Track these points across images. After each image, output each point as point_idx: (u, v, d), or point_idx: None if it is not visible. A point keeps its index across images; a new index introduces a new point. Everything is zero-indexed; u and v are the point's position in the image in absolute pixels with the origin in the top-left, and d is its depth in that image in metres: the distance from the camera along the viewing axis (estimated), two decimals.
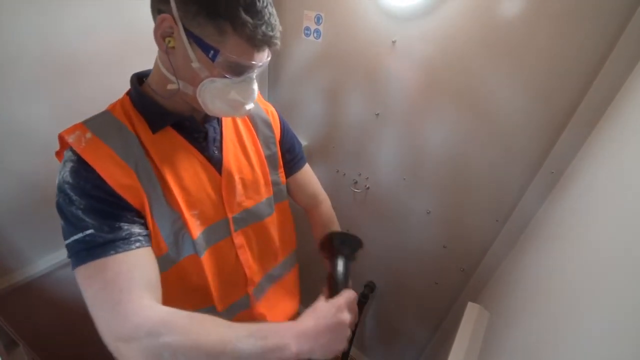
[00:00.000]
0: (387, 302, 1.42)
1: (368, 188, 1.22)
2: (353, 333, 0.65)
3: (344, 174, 1.27)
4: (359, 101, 1.09)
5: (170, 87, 0.54)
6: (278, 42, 0.53)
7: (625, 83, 0.64)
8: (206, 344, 0.44)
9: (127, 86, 0.82)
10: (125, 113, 0.56)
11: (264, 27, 0.49)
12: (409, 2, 0.85)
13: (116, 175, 0.50)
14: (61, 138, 0.53)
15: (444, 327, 1.22)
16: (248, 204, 0.68)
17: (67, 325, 1.04)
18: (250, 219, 0.69)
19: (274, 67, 1.29)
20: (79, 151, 0.49)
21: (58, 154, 0.56)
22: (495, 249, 0.97)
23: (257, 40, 0.50)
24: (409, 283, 1.28)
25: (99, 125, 0.53)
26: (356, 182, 1.25)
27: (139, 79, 0.60)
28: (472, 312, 0.87)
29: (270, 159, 0.72)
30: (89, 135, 0.51)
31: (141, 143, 0.54)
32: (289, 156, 0.78)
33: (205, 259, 0.62)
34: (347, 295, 0.56)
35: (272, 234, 0.75)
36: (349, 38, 1.02)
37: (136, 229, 0.51)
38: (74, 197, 0.49)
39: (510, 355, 0.57)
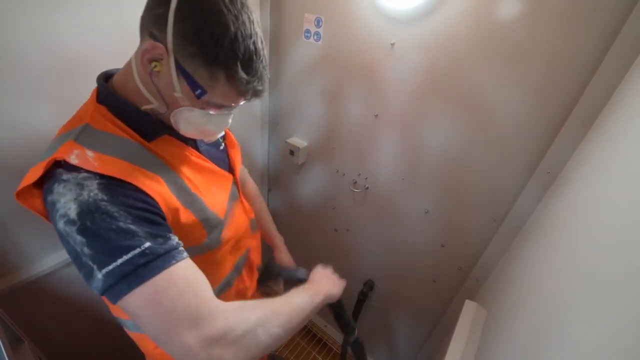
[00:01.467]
0: (385, 300, 1.42)
1: (367, 188, 1.22)
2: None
3: (344, 174, 1.27)
4: (358, 102, 1.09)
5: (145, 107, 0.52)
6: (265, 93, 0.55)
7: (619, 85, 0.64)
8: (280, 308, 0.54)
9: None
10: (112, 122, 0.51)
11: (255, 83, 0.51)
12: (408, 5, 0.86)
13: (149, 184, 0.48)
14: (57, 162, 0.46)
15: (441, 325, 1.22)
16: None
17: (71, 322, 1.04)
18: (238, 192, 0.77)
19: (275, 69, 1.30)
20: (97, 170, 0.45)
21: (42, 182, 0.48)
22: (492, 247, 0.97)
23: (247, 94, 0.52)
24: (407, 281, 1.28)
25: (94, 141, 0.48)
26: (355, 182, 1.25)
27: (105, 78, 0.56)
28: (469, 310, 0.87)
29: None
30: (90, 153, 0.46)
31: (147, 148, 0.53)
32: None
33: (230, 228, 0.69)
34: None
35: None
36: (349, 40, 1.02)
37: (176, 237, 0.49)
38: (117, 213, 0.44)
39: (507, 351, 0.57)
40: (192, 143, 0.64)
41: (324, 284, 0.71)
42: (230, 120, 0.59)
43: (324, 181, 1.36)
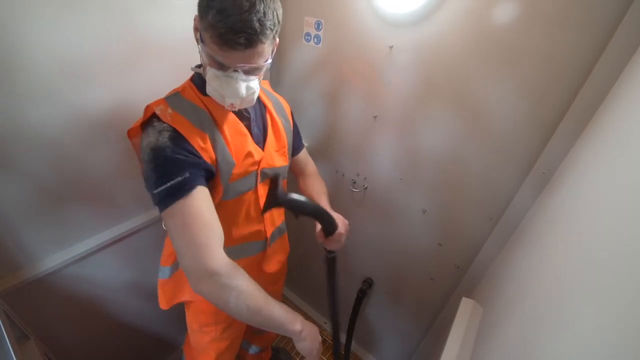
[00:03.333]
0: (384, 297, 1.42)
1: (366, 188, 1.22)
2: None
3: (343, 174, 1.27)
4: (357, 104, 1.10)
5: (195, 69, 0.70)
6: (247, 48, 0.57)
7: (612, 87, 0.64)
8: (259, 297, 0.64)
9: (134, 90, 0.83)
10: (196, 93, 0.70)
11: (229, 34, 0.54)
12: (406, 9, 0.86)
13: (198, 141, 0.65)
14: (149, 108, 0.66)
15: (439, 321, 1.22)
16: (275, 164, 0.83)
17: (76, 319, 1.04)
18: (270, 174, 0.82)
19: (276, 71, 1.30)
20: (169, 123, 0.63)
21: (142, 122, 0.67)
22: (488, 246, 0.97)
23: (222, 45, 0.56)
24: (405, 279, 1.28)
25: (176, 102, 0.67)
26: (355, 182, 1.25)
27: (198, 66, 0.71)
28: (466, 307, 0.88)
29: (287, 144, 0.88)
30: (170, 110, 0.65)
31: (210, 115, 0.69)
32: (295, 143, 0.95)
33: (233, 202, 0.78)
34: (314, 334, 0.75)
35: None
36: (348, 43, 1.02)
37: (206, 182, 0.66)
38: (175, 155, 0.62)
39: (503, 347, 0.57)
40: (246, 123, 0.76)
41: (309, 331, 0.71)
42: (239, 87, 0.63)
43: (324, 181, 1.35)
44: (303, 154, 1.01)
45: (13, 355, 0.59)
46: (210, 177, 0.69)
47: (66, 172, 0.85)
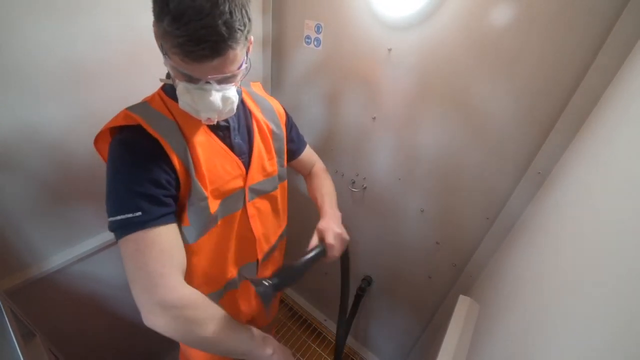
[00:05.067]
0: (383, 295, 1.43)
1: (365, 188, 1.23)
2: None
3: (343, 175, 1.27)
4: (357, 106, 1.10)
5: (164, 80, 0.59)
6: (216, 58, 0.48)
7: (607, 89, 0.64)
8: (221, 328, 0.57)
9: (137, 92, 0.83)
10: (164, 103, 0.60)
11: (187, 41, 0.45)
12: (404, 13, 0.86)
13: (164, 165, 0.56)
14: (119, 117, 0.57)
15: (437, 318, 1.22)
16: (261, 177, 0.74)
17: (81, 316, 1.04)
18: (261, 190, 0.75)
19: (277, 73, 1.30)
20: (132, 140, 0.55)
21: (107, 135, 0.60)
22: (485, 245, 0.97)
23: (184, 55, 0.47)
24: (403, 277, 1.28)
25: (143, 113, 0.57)
26: (354, 182, 1.25)
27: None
28: (463, 304, 0.88)
29: (278, 150, 0.78)
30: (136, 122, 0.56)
31: (179, 128, 0.59)
32: (293, 146, 0.87)
33: (220, 228, 0.68)
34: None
35: (276, 207, 0.82)
36: (347, 46, 1.02)
37: (172, 202, 0.58)
38: (133, 176, 0.55)
39: (500, 343, 0.58)
40: (220, 134, 0.65)
41: (281, 355, 0.67)
42: (214, 100, 0.54)
43: None
44: (306, 155, 0.93)
45: (19, 352, 0.59)
46: (178, 200, 0.60)
47: (71, 172, 0.85)
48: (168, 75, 0.59)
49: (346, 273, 0.94)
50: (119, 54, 0.82)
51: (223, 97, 0.55)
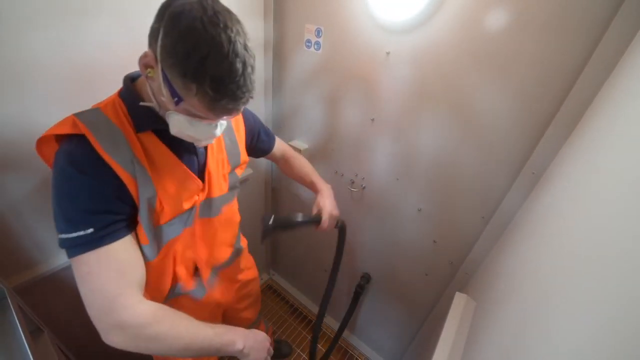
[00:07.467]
0: (381, 292, 1.42)
1: (364, 188, 1.23)
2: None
3: (342, 175, 1.27)
4: (356, 107, 1.10)
5: (145, 103, 0.55)
6: (238, 111, 0.51)
7: (600, 90, 0.64)
8: (185, 334, 0.56)
9: None
10: (116, 111, 0.55)
11: (224, 102, 0.48)
12: (402, 17, 0.86)
13: (118, 170, 0.53)
14: (66, 122, 0.53)
15: (434, 315, 1.22)
16: (213, 194, 0.71)
17: (86, 312, 1.04)
18: (211, 210, 0.72)
19: (278, 76, 1.30)
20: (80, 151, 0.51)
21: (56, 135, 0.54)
22: (481, 243, 0.97)
23: (215, 111, 0.49)
24: (401, 275, 1.28)
25: (92, 122, 0.53)
26: (353, 182, 1.25)
27: (132, 79, 0.59)
28: (459, 301, 0.88)
29: (233, 160, 0.76)
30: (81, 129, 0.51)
31: (130, 140, 0.54)
32: (265, 145, 0.90)
33: (171, 246, 0.66)
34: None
35: (230, 219, 0.82)
36: (347, 50, 1.02)
37: (124, 216, 0.55)
38: (81, 191, 0.51)
39: (495, 339, 0.58)
40: (177, 149, 0.61)
41: (251, 346, 0.65)
42: (217, 132, 0.56)
43: None
44: (278, 147, 0.94)
45: (27, 348, 0.59)
46: (131, 215, 0.57)
47: None
48: (133, 79, 0.59)
49: (341, 244, 1.02)
50: (124, 57, 0.82)
51: (221, 125, 0.57)
